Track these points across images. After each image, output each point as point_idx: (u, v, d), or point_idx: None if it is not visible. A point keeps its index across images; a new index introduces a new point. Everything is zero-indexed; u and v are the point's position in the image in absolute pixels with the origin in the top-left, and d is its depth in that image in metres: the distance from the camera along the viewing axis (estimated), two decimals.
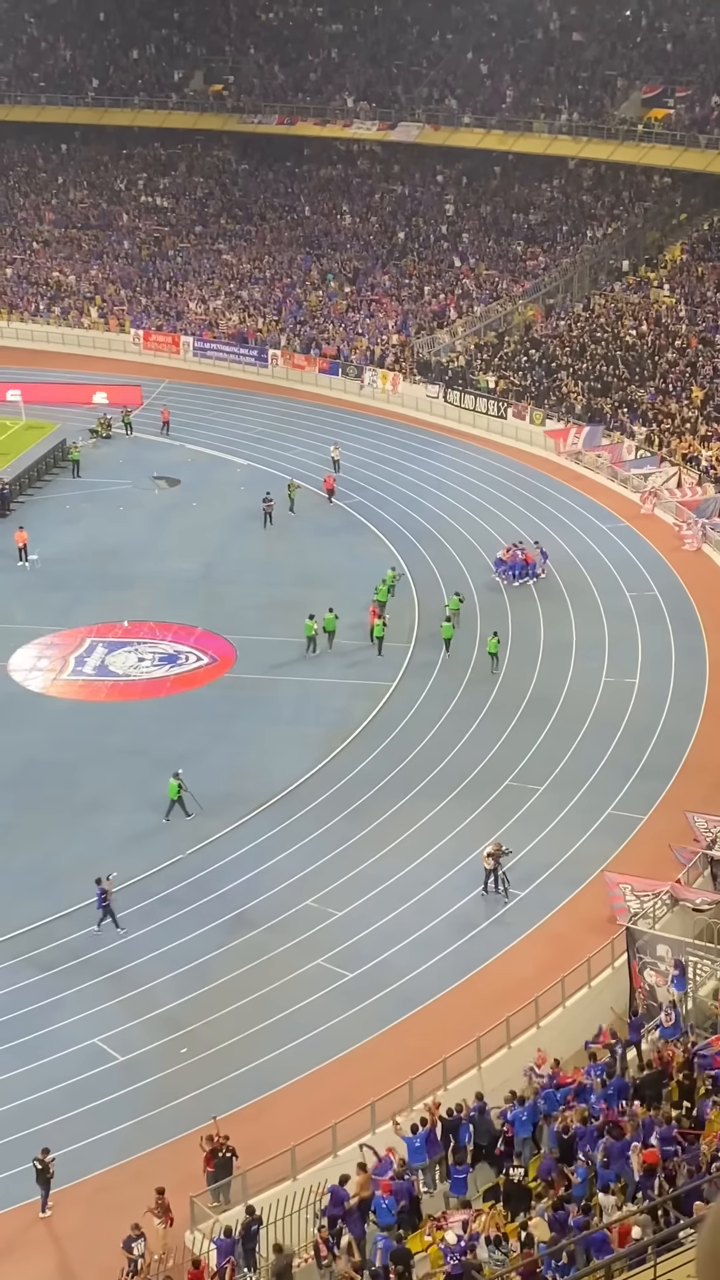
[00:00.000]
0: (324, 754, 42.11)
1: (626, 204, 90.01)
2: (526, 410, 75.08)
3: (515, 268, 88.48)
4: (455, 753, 42.73)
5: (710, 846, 35.25)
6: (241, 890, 36.11)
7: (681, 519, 61.02)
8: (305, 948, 33.67)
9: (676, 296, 78.74)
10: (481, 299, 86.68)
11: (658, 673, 47.70)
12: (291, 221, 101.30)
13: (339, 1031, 30.75)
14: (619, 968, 31.49)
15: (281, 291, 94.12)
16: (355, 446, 74.42)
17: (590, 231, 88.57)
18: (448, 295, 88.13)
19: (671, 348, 74.06)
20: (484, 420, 76.81)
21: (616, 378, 73.44)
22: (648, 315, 77.72)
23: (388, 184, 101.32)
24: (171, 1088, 29.41)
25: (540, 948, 33.48)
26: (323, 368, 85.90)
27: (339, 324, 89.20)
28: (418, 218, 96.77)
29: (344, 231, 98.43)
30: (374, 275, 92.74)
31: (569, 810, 39.32)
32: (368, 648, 50.19)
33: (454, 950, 33.49)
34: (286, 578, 57.17)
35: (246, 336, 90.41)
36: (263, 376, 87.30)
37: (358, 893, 35.78)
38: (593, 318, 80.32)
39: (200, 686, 48.29)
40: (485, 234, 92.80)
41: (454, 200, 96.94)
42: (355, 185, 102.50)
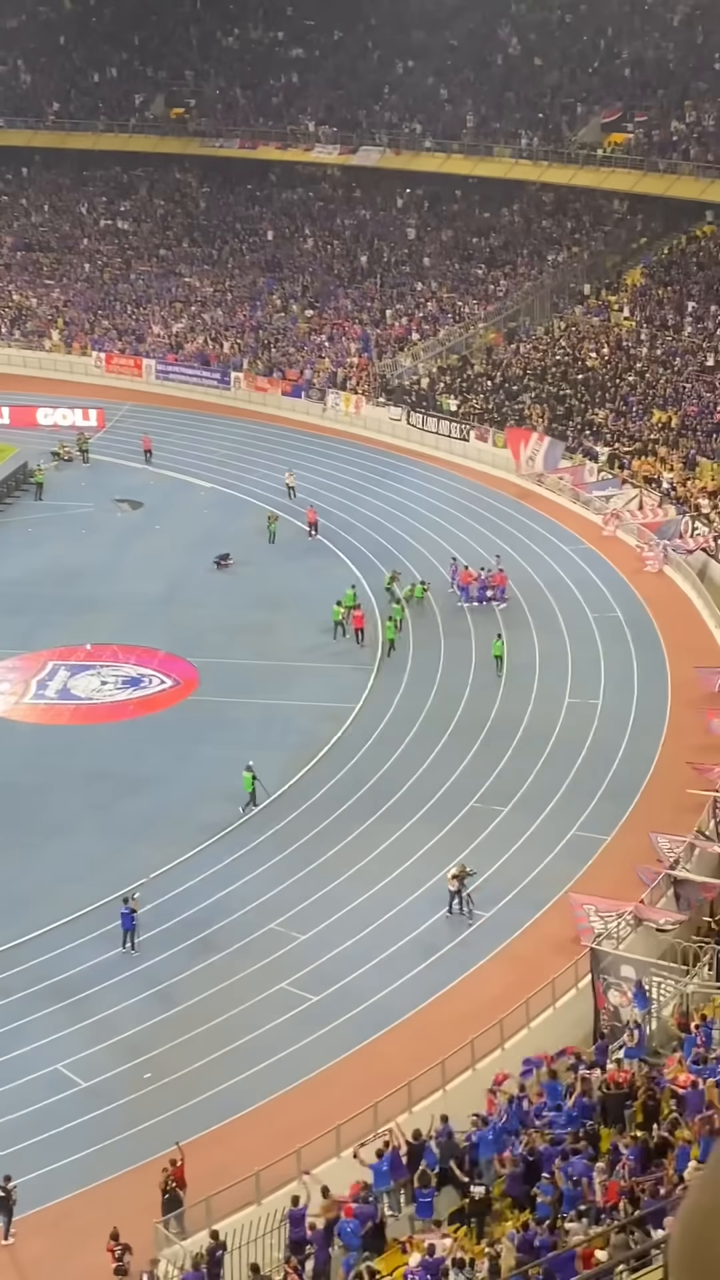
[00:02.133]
0: (288, 776, 42.07)
1: (586, 228, 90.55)
2: (488, 433, 75.34)
3: (477, 291, 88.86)
4: (419, 775, 42.75)
5: (673, 867, 35.41)
6: (206, 914, 36.02)
7: (643, 541, 61.31)
8: (269, 971, 33.60)
9: (636, 320, 79.24)
10: (443, 322, 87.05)
11: (620, 694, 47.86)
12: (254, 245, 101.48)
13: (303, 1055, 30.68)
14: (583, 989, 31.55)
15: (244, 314, 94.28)
16: (318, 469, 74.50)
17: (551, 255, 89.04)
18: (410, 318, 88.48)
19: (632, 370, 74.51)
20: (446, 443, 76.95)
21: (578, 400, 73.81)
22: (608, 338, 78.18)
23: (350, 208, 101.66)
24: (135, 1113, 29.28)
25: (505, 969, 33.49)
26: (285, 390, 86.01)
27: (302, 347, 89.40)
28: (380, 241, 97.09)
29: (306, 255, 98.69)
30: (336, 299, 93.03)
31: (533, 832, 39.37)
32: (338, 660, 50.27)
33: (418, 972, 33.47)
34: (249, 600, 57.13)
35: (209, 359, 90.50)
36: (225, 399, 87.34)
37: (322, 915, 35.74)
38: (554, 341, 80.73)
39: (163, 710, 48.19)
40: (447, 257, 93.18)
41: (416, 224, 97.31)
42: (317, 209, 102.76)
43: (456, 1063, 29.27)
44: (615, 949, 31.67)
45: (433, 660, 51.09)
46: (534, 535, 64.03)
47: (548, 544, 62.85)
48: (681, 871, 35.26)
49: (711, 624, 53.03)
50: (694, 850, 36.49)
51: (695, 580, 56.70)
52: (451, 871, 35.71)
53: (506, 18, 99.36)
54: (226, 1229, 25.14)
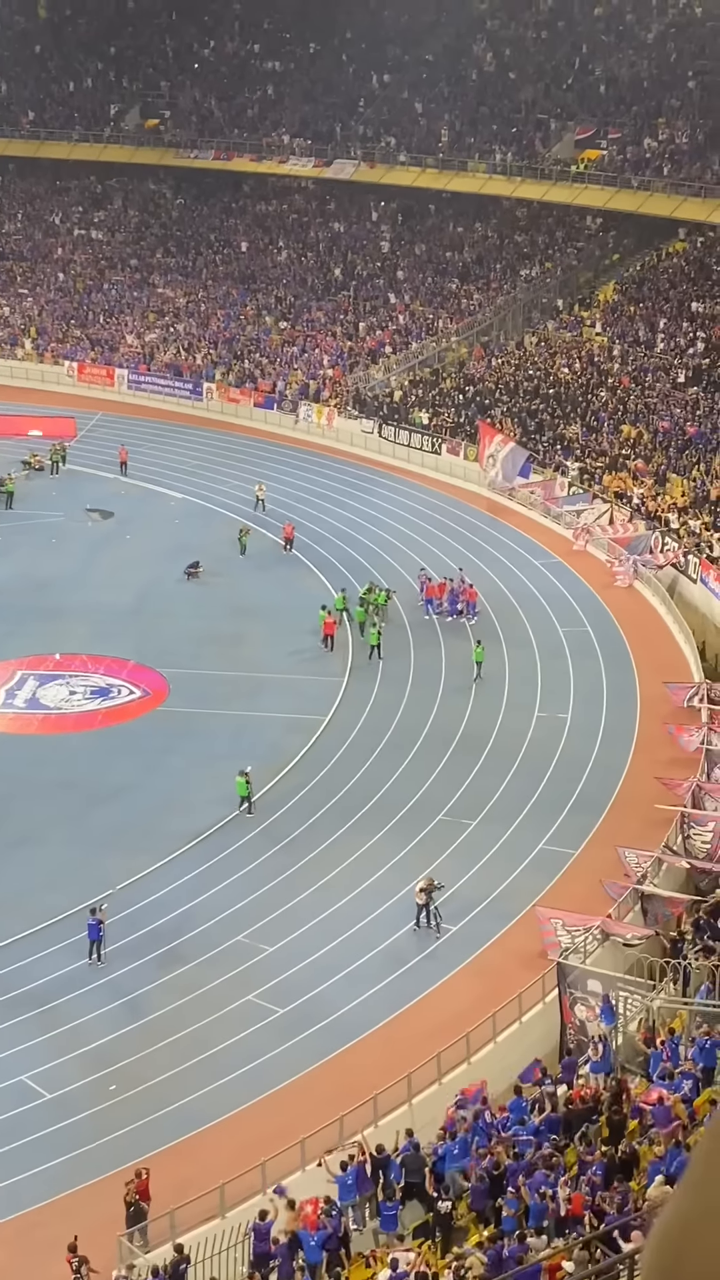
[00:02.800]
0: (257, 788, 42.02)
1: (560, 244, 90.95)
2: (460, 446, 75.51)
3: (450, 305, 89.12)
4: (388, 787, 42.77)
5: (641, 882, 35.50)
6: (173, 925, 35.94)
7: (613, 555, 61.50)
8: (236, 983, 33.55)
9: (609, 336, 79.57)
10: (416, 335, 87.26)
11: (589, 708, 47.99)
12: (227, 256, 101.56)
13: (270, 1067, 30.63)
14: (550, 1003, 31.60)
15: (217, 325, 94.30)
16: (289, 481, 74.54)
17: (524, 270, 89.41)
18: (383, 331, 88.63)
19: (603, 386, 74.81)
20: (418, 456, 77.13)
21: (549, 415, 74.06)
22: (580, 354, 78.49)
23: (324, 220, 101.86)
24: (100, 1125, 29.15)
25: (472, 982, 33.51)
26: (258, 402, 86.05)
27: (275, 358, 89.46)
28: (353, 254, 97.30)
29: (280, 267, 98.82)
30: (309, 311, 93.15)
31: (501, 845, 39.42)
32: (308, 675, 50.29)
33: (386, 985, 33.46)
34: (220, 611, 57.12)
35: (182, 370, 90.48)
36: (198, 410, 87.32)
37: (289, 928, 35.71)
38: (526, 356, 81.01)
39: (132, 720, 48.11)
40: (420, 271, 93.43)
41: (389, 237, 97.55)
42: (291, 221, 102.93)
43: (423, 1076, 29.25)
44: (582, 963, 31.73)
45: (402, 672, 51.15)
46: (504, 549, 64.18)
47: (518, 558, 63.00)
48: (649, 886, 35.36)
49: (680, 639, 53.24)
50: (661, 865, 36.62)
51: (665, 595, 56.92)
52: (419, 884, 35.70)
53: (482, 33, 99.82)
54: (190, 1242, 25.05)
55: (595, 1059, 28.49)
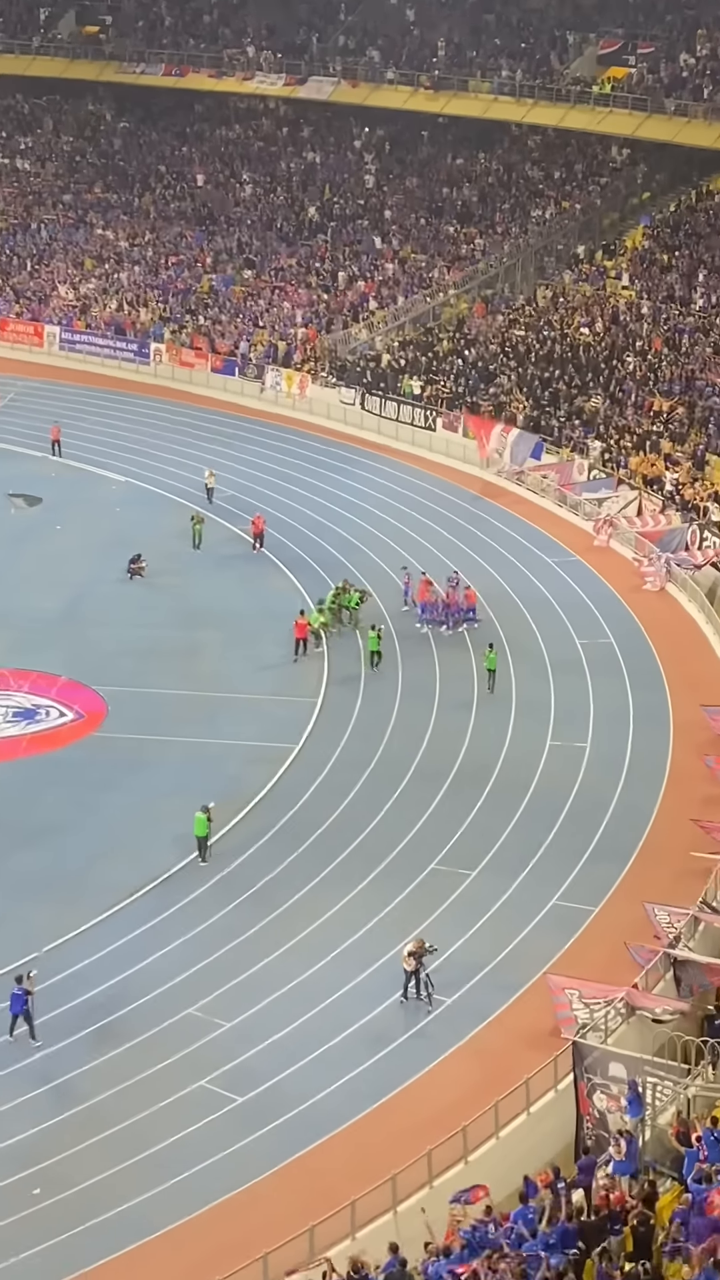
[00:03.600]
0: (214, 830, 41.87)
1: (579, 179, 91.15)
2: (458, 421, 75.50)
3: (447, 252, 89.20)
4: (370, 830, 42.68)
5: (674, 945, 35.44)
6: (110, 995, 35.77)
7: (642, 553, 61.56)
8: (186, 1066, 33.40)
9: (637, 290, 79.73)
10: (407, 288, 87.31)
11: (613, 737, 47.96)
12: (180, 192, 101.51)
13: (226, 1168, 30.50)
14: (564, 1090, 31.51)
15: (167, 274, 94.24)
16: (254, 462, 74.44)
17: (536, 211, 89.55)
18: (366, 282, 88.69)
19: (631, 350, 74.92)
20: (408, 432, 77.11)
21: (565, 384, 74.14)
22: (603, 311, 78.61)
23: (295, 150, 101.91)
24: (21, 1236, 28.97)
25: (469, 1066, 33.41)
26: (216, 366, 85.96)
27: (236, 314, 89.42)
28: (331, 190, 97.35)
29: (243, 205, 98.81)
30: (279, 257, 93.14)
31: (506, 900, 39.35)
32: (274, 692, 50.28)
33: (365, 1070, 33.35)
34: (169, 618, 56.98)
35: (124, 327, 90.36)
36: (144, 375, 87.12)
37: (250, 1000, 35.57)
38: (539, 313, 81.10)
39: (63, 747, 47.96)
40: (411, 211, 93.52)
41: (374, 170, 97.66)
42: (257, 150, 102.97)
43: (410, 1180, 29.13)
44: (603, 1043, 31.64)
45: (388, 691, 51.09)
46: (512, 544, 64.17)
47: (528, 555, 63.00)
48: (683, 950, 35.30)
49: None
50: (698, 925, 36.56)
51: (703, 601, 56.98)
52: (407, 948, 35.61)
53: None
54: None
55: (618, 1158, 28.40)
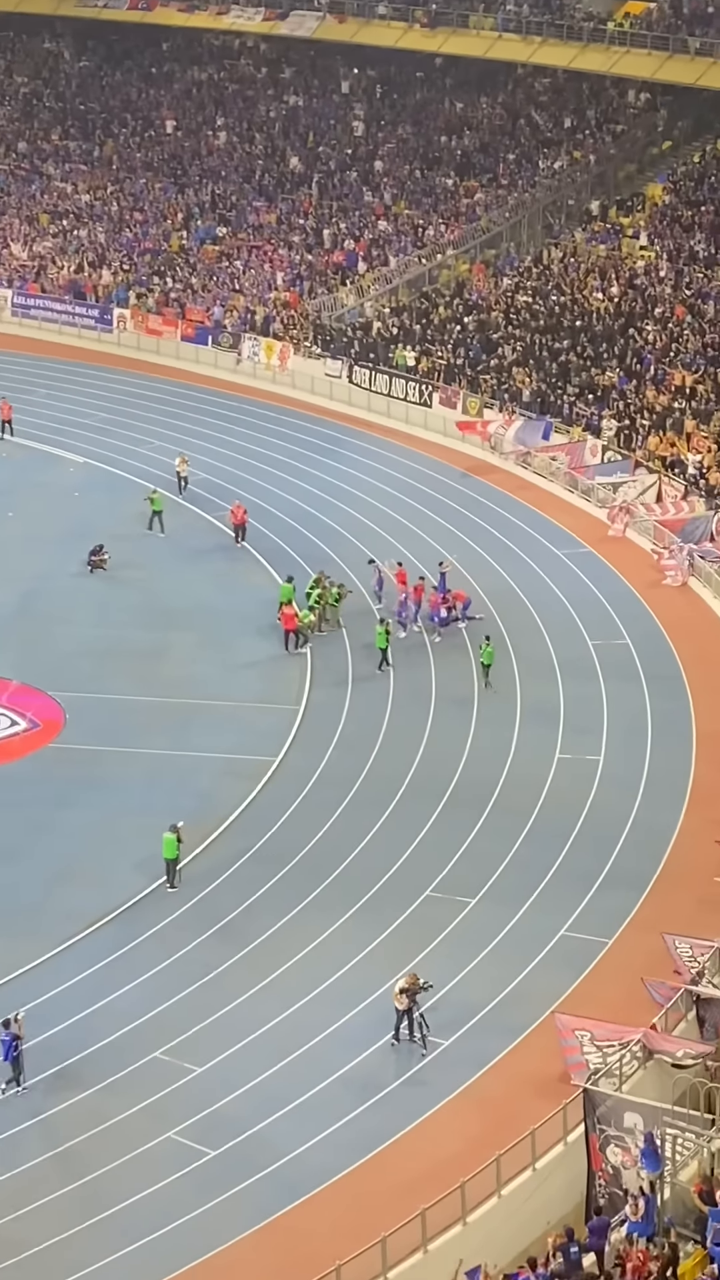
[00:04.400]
0: (184, 852, 41.90)
1: (592, 127, 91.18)
2: (458, 396, 75.52)
3: (445, 207, 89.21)
4: (358, 853, 42.69)
5: (696, 981, 35.49)
6: (67, 1037, 35.77)
7: (662, 544, 61.60)
8: (153, 1115, 33.40)
9: (656, 250, 79.78)
10: (400, 248, 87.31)
11: (629, 749, 48.00)
12: (148, 140, 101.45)
13: (197, 1229, 30.51)
14: (573, 1143, 31.55)
15: (132, 232, 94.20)
16: (230, 441, 74.38)
17: (544, 162, 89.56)
18: (355, 242, 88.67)
19: (649, 317, 74.99)
20: (401, 408, 77.12)
21: (577, 356, 74.19)
22: (619, 274, 78.67)
23: (276, 93, 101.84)
24: None
25: (468, 1116, 33.42)
26: (187, 335, 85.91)
27: (210, 277, 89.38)
28: (316, 138, 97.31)
29: (218, 154, 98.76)
30: (257, 213, 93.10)
31: (509, 932, 39.36)
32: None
33: (352, 1120, 33.35)
34: (134, 616, 57.01)
35: (84, 291, 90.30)
36: (106, 345, 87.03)
37: (224, 1042, 35.57)
38: (547, 275, 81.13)
39: (15, 760, 47.98)
40: (405, 162, 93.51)
41: (364, 117, 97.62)
42: (232, 94, 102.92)
43: (402, 1242, 29.14)
44: (617, 1091, 31.69)
45: (378, 698, 51.11)
46: (517, 534, 64.19)
47: (535, 546, 63.03)
48: (707, 987, 35.35)
49: None
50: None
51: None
52: (399, 984, 35.62)
53: None
54: None
55: (634, 1218, 28.48)
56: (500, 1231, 29.89)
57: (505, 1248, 29.52)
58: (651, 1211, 28.76)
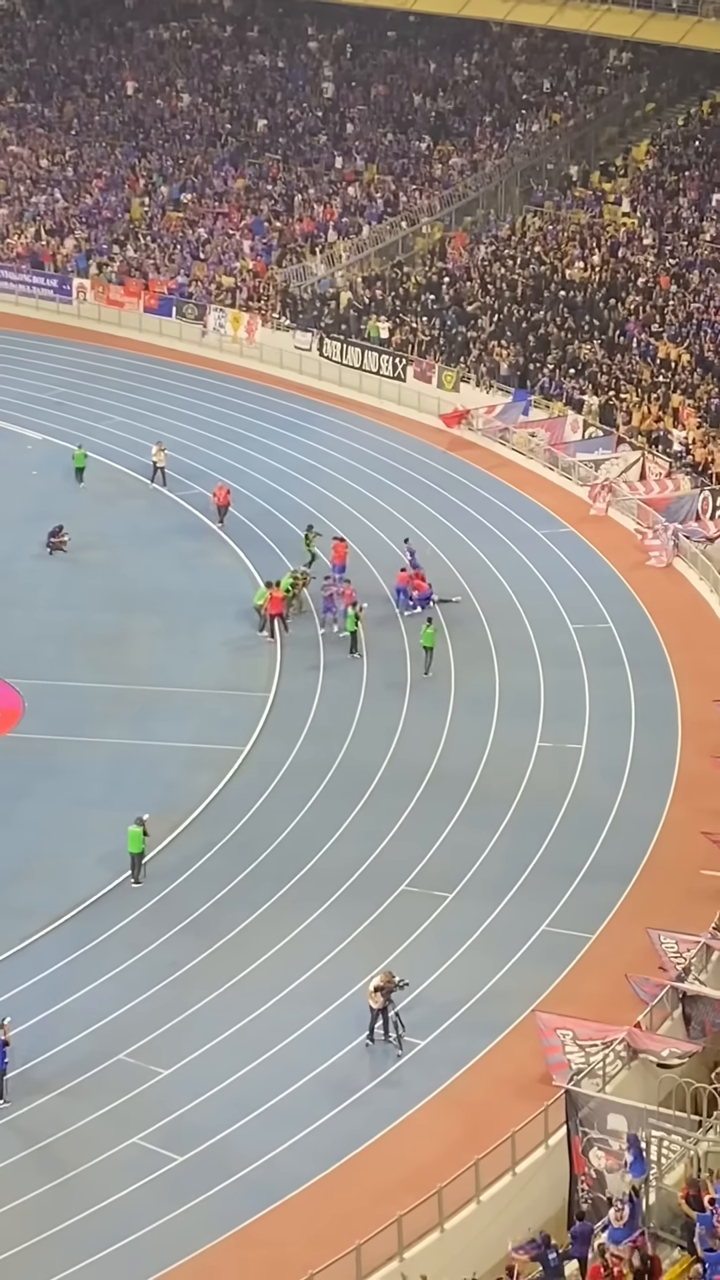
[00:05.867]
0: (149, 846, 41.88)
1: (572, 88, 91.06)
2: (433, 370, 75.47)
3: (419, 172, 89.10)
4: (330, 846, 42.71)
5: (682, 978, 35.55)
6: (28, 1039, 35.68)
7: (646, 524, 61.66)
8: (117, 1120, 33.37)
9: (640, 216, 79.78)
10: (372, 214, 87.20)
11: (612, 737, 48.06)
12: (109, 101, 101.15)
13: (164, 1237, 30.51)
14: (555, 1146, 31.59)
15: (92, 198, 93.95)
16: (194, 416, 74.28)
17: (522, 125, 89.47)
18: (325, 208, 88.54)
19: (633, 287, 74.99)
20: (374, 382, 77.08)
21: (557, 328, 74.20)
22: (601, 242, 78.66)
23: (241, 53, 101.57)
24: None
25: (446, 1119, 33.45)
26: (149, 305, 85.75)
27: (173, 245, 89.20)
28: (284, 99, 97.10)
29: (181, 116, 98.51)
30: (223, 178, 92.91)
31: (488, 927, 39.41)
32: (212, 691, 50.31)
33: (326, 1123, 33.36)
34: (96, 599, 56.96)
35: (42, 260, 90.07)
36: (65, 316, 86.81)
37: (191, 1043, 35.57)
38: (525, 243, 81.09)
39: None
40: (377, 124, 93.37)
41: (334, 77, 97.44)
42: (196, 53, 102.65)
43: (377, 1250, 29.15)
44: (600, 1091, 31.73)
45: (351, 685, 51.14)
46: (495, 513, 64.24)
47: (513, 526, 63.08)
48: (693, 984, 35.42)
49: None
50: (710, 954, 36.70)
51: (717, 579, 57.15)
52: (374, 982, 35.63)
53: None
54: None
55: (617, 1224, 28.50)
56: (480, 1238, 29.91)
57: (485, 1255, 29.54)
58: (636, 1216, 28.79)
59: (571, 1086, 31.49)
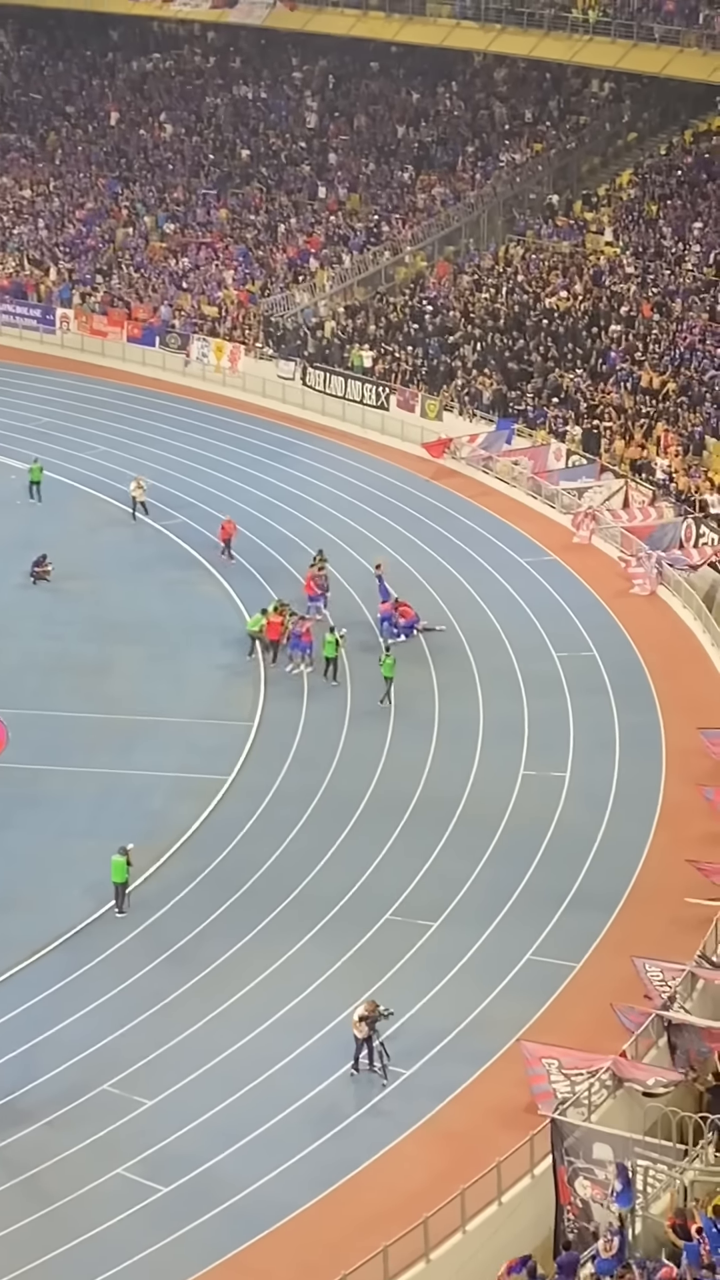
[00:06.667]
0: (134, 875, 41.79)
1: (554, 118, 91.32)
2: (416, 398, 75.56)
3: (402, 202, 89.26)
4: (314, 875, 42.63)
5: (667, 1006, 35.48)
6: (11, 1070, 35.63)
7: (629, 551, 61.70)
8: (101, 1151, 33.25)
9: (623, 246, 79.94)
10: (355, 244, 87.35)
11: (596, 765, 48.04)
12: (92, 132, 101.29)
13: (149, 1269, 30.39)
14: (541, 1176, 31.50)
15: (75, 229, 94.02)
16: (178, 445, 74.29)
17: (505, 155, 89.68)
18: (308, 238, 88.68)
19: (616, 316, 75.12)
20: (357, 411, 77.18)
21: (540, 356, 74.29)
22: (583, 271, 78.80)
23: (225, 83, 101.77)
24: None
25: (432, 1149, 33.36)
26: (133, 335, 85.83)
27: (157, 275, 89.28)
28: (267, 130, 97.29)
29: (165, 147, 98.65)
30: (207, 208, 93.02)
31: (473, 956, 39.35)
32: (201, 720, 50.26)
33: (311, 1153, 33.27)
34: (80, 629, 56.91)
35: (25, 290, 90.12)
36: (49, 346, 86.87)
37: (176, 1073, 35.46)
38: (508, 273, 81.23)
39: None
40: (360, 154, 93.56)
41: (318, 108, 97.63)
42: (180, 84, 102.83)
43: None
44: (586, 1121, 31.64)
45: (335, 713, 51.11)
46: (478, 541, 64.27)
47: (497, 554, 63.09)
48: (678, 1012, 35.36)
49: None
50: (696, 982, 36.63)
51: (700, 607, 57.16)
52: (359, 1011, 35.54)
53: None
54: None
55: (605, 1255, 28.40)
56: (465, 1268, 29.82)
57: None
58: (624, 1247, 28.69)
59: (557, 1115, 31.37)
